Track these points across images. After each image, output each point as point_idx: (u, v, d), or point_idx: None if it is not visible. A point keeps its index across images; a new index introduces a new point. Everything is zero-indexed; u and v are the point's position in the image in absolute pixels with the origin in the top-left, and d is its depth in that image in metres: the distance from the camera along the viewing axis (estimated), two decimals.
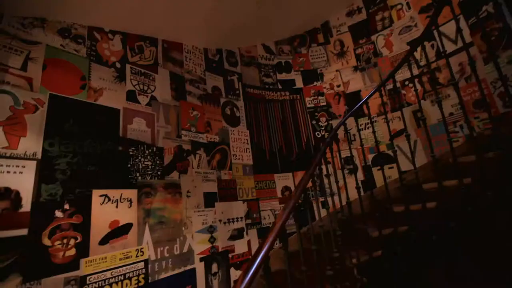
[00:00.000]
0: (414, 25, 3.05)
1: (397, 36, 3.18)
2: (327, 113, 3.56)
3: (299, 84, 3.70)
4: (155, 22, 2.66)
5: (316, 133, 3.51)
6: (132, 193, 2.17)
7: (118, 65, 2.41)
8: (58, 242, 1.74)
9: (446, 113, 2.67)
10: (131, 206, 2.14)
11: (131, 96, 2.41)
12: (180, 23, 2.83)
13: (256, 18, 3.25)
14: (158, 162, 2.42)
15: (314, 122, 3.55)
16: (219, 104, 3.15)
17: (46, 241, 1.70)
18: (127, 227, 2.08)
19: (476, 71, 1.57)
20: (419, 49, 2.82)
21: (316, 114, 3.57)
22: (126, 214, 2.10)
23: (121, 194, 2.11)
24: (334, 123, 3.50)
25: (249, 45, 3.68)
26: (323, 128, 3.52)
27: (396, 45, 3.18)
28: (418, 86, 2.93)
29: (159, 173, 2.39)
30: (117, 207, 2.06)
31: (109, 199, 2.04)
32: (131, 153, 2.27)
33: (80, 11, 2.22)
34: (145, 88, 2.54)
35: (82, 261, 1.81)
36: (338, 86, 3.56)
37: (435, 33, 2.75)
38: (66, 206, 1.83)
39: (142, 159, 2.32)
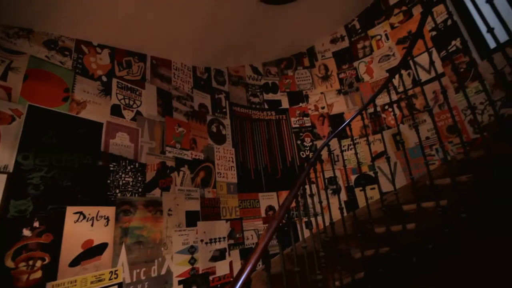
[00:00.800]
0: (392, 54, 3.27)
1: (377, 64, 3.38)
2: (311, 133, 3.64)
3: (285, 104, 3.79)
4: (145, 38, 2.69)
5: (300, 153, 3.57)
6: (109, 211, 2.07)
7: (104, 78, 2.39)
8: (23, 263, 1.61)
9: (423, 137, 2.81)
10: (107, 224, 2.03)
11: (115, 110, 2.38)
12: (170, 41, 2.88)
13: (245, 40, 3.37)
14: (139, 178, 2.35)
15: (299, 142, 3.62)
16: (205, 122, 3.15)
17: (9, 263, 1.57)
18: (101, 247, 1.96)
19: (448, 99, 1.68)
20: (397, 76, 3.01)
21: (301, 134, 3.65)
22: (102, 233, 1.99)
23: (98, 211, 2.01)
24: (319, 143, 3.58)
25: (238, 65, 3.78)
26: (307, 148, 3.59)
27: (376, 72, 3.38)
28: (397, 111, 3.09)
29: (140, 190, 2.31)
30: (92, 225, 1.95)
31: (84, 217, 1.93)
32: (111, 168, 2.19)
33: (69, 24, 2.22)
34: (131, 103, 2.52)
35: (49, 285, 1.67)
36: (323, 108, 3.68)
37: (411, 63, 2.96)
38: (36, 224, 1.71)
39: (123, 175, 2.25)
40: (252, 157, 3.39)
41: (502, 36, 1.55)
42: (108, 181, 2.15)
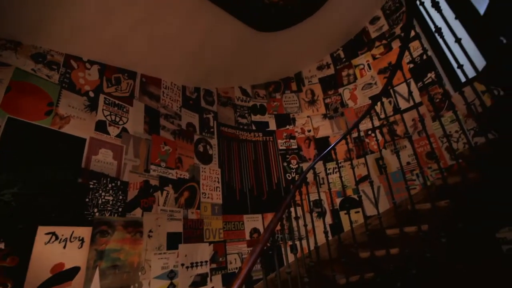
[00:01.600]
0: (374, 83, 3.46)
1: (360, 91, 3.56)
2: (298, 156, 3.69)
3: (272, 126, 3.86)
4: (136, 57, 2.72)
5: (287, 175, 3.58)
6: (85, 231, 1.96)
7: (91, 94, 2.37)
8: None
9: (404, 162, 2.91)
10: (81, 246, 1.91)
11: (100, 126, 2.33)
12: (161, 61, 2.92)
13: (235, 63, 3.48)
14: (120, 197, 2.26)
15: (285, 164, 3.64)
16: (193, 141, 3.14)
17: None
18: (73, 272, 1.83)
19: (425, 127, 1.78)
20: (379, 103, 3.17)
21: (288, 156, 3.69)
22: (74, 256, 1.86)
23: (72, 232, 1.90)
24: (305, 166, 3.62)
25: (227, 86, 3.86)
26: (293, 170, 3.61)
27: (359, 99, 3.54)
28: (380, 137, 3.21)
29: (120, 209, 2.22)
30: (64, 247, 1.83)
31: (57, 238, 1.81)
32: (91, 186, 2.11)
33: (60, 39, 2.22)
34: (117, 119, 2.49)
35: None
36: (309, 131, 3.77)
37: (391, 92, 3.13)
38: (1, 245, 1.58)
39: (103, 194, 2.16)
40: (238, 178, 3.36)
41: (472, 71, 1.69)
42: (87, 200, 2.05)
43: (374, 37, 3.52)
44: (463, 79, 2.57)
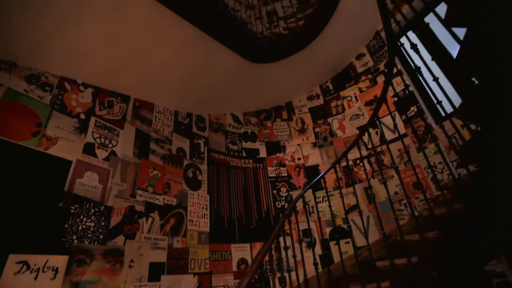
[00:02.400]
0: (362, 114, 3.60)
1: (348, 121, 3.69)
2: (287, 184, 3.68)
3: (263, 153, 3.89)
4: (130, 82, 2.77)
5: (276, 203, 3.54)
6: (61, 260, 1.83)
7: (82, 116, 2.36)
8: None
9: (392, 191, 2.94)
10: (55, 277, 1.77)
11: (88, 149, 2.29)
12: (155, 87, 2.98)
13: (228, 91, 3.58)
14: (103, 223, 2.16)
15: (275, 191, 3.62)
16: (182, 166, 3.10)
17: None
18: None
19: (411, 158, 1.84)
20: (366, 134, 3.27)
21: (277, 184, 3.67)
22: None
23: (47, 260, 1.77)
24: (294, 194, 3.60)
25: (219, 113, 3.93)
26: (283, 198, 3.58)
27: (348, 129, 3.66)
28: (367, 166, 3.27)
29: (101, 236, 2.10)
30: (36, 278, 1.70)
31: (28, 267, 1.69)
32: (73, 210, 2.01)
33: (56, 62, 2.26)
34: (106, 142, 2.46)
35: None
36: (299, 159, 3.81)
37: (378, 123, 3.26)
38: None
39: (85, 219, 2.06)
40: (227, 205, 3.30)
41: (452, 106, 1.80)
42: (66, 225, 1.94)
43: (360, 71, 3.74)
44: (444, 113, 2.72)
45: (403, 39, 3.28)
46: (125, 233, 2.26)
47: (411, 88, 3.01)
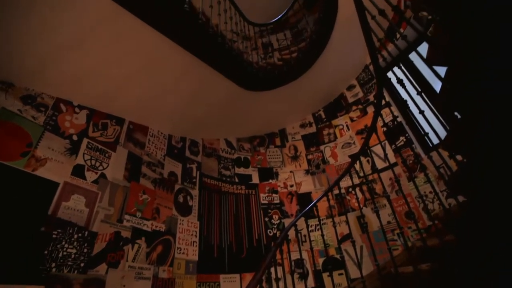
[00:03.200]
0: (353, 142, 3.68)
1: (340, 149, 3.75)
2: (280, 211, 3.62)
3: (256, 180, 3.86)
4: (126, 105, 2.81)
5: (268, 231, 3.45)
6: None
7: (75, 137, 2.34)
8: None
9: (384, 221, 2.92)
10: None
11: (78, 171, 2.24)
12: (151, 111, 3.02)
13: (222, 117, 3.64)
14: (85, 250, 2.05)
15: (267, 219, 3.54)
16: (173, 191, 3.05)
17: None
18: None
19: (401, 187, 1.86)
20: (358, 162, 3.32)
21: (270, 211, 3.61)
22: None
23: None
24: (286, 221, 3.53)
25: (213, 138, 3.95)
26: (275, 226, 3.50)
27: (340, 156, 3.71)
28: (360, 194, 3.27)
29: (82, 265, 1.99)
30: None
31: None
32: (54, 236, 1.92)
33: (53, 84, 2.29)
34: (97, 164, 2.42)
35: None
36: (291, 186, 3.79)
37: (369, 151, 3.33)
38: None
39: (66, 245, 1.96)
40: (217, 232, 3.19)
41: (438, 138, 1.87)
42: (46, 252, 1.84)
43: (351, 101, 3.89)
44: (431, 144, 2.80)
45: (390, 74, 3.47)
46: (108, 261, 2.15)
47: (400, 119, 3.13)
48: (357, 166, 3.46)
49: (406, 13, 2.92)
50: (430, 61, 1.22)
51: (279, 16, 4.25)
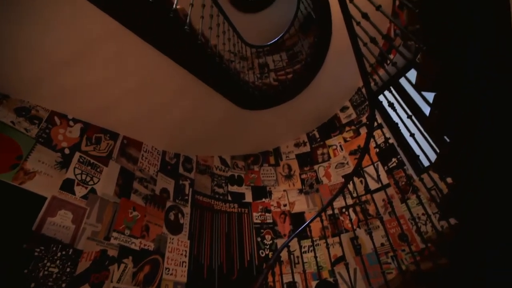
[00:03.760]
0: (346, 163, 3.71)
1: (334, 169, 3.77)
2: (272, 231, 3.56)
3: (249, 198, 3.82)
4: (122, 120, 2.80)
5: (260, 251, 3.36)
6: None
7: (67, 151, 2.31)
8: None
9: (378, 243, 2.88)
10: None
11: (67, 185, 2.19)
12: (146, 126, 3.02)
13: (218, 134, 3.66)
14: (68, 269, 1.95)
15: (259, 239, 3.46)
16: (164, 208, 2.98)
17: None
18: None
19: (394, 209, 1.87)
20: (351, 182, 3.33)
21: (262, 231, 3.54)
22: None
23: None
24: (279, 242, 3.46)
25: (207, 155, 3.94)
26: (267, 247, 3.42)
27: (333, 176, 3.72)
28: (353, 215, 3.25)
29: (63, 285, 1.89)
30: None
31: None
32: (37, 253, 1.83)
33: (49, 97, 2.29)
34: (88, 179, 2.37)
35: None
36: (285, 205, 3.76)
37: (362, 172, 3.35)
38: None
39: (48, 264, 1.87)
40: (208, 252, 3.10)
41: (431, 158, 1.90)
42: (26, 271, 1.75)
43: (344, 122, 3.97)
44: (422, 166, 2.85)
45: (382, 97, 3.59)
46: (91, 282, 2.04)
47: (391, 140, 3.20)
48: (350, 186, 3.47)
49: (395, 41, 3.08)
50: (419, 87, 1.27)
51: (276, 39, 4.42)
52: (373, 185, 3.22)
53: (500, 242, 1.20)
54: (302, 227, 2.38)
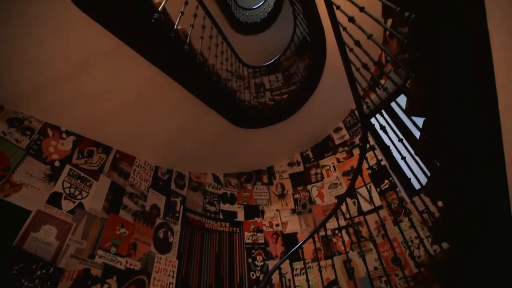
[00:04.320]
0: (340, 183, 3.72)
1: (327, 190, 3.77)
2: (264, 252, 3.47)
3: (241, 217, 3.75)
4: (115, 133, 2.78)
5: (251, 273, 3.25)
6: None
7: (57, 163, 2.26)
8: None
9: (371, 266, 2.83)
10: None
11: (54, 199, 2.13)
12: (140, 141, 3.00)
13: (212, 151, 3.65)
14: None
15: (250, 260, 3.37)
16: (153, 225, 2.89)
17: None
18: None
19: (387, 232, 1.86)
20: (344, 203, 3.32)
21: (253, 251, 3.45)
22: None
23: None
24: (271, 264, 3.36)
25: (200, 172, 3.91)
26: (258, 269, 3.31)
27: (326, 197, 3.71)
28: (346, 237, 3.21)
29: None
30: None
31: None
32: (15, 271, 1.74)
33: (43, 109, 2.27)
34: (76, 193, 2.31)
35: None
36: (277, 225, 3.70)
37: (355, 193, 3.36)
38: None
39: (26, 283, 1.77)
40: (196, 272, 2.98)
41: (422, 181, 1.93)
42: None
43: (338, 143, 4.03)
44: (413, 189, 2.87)
45: (374, 120, 3.68)
46: None
47: (384, 162, 3.24)
48: (343, 207, 3.46)
49: (386, 66, 3.21)
50: (409, 112, 1.32)
51: (272, 61, 4.56)
52: (365, 206, 3.21)
53: (493, 267, 1.20)
54: (294, 248, 2.34)
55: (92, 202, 2.39)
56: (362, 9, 1.59)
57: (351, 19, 1.72)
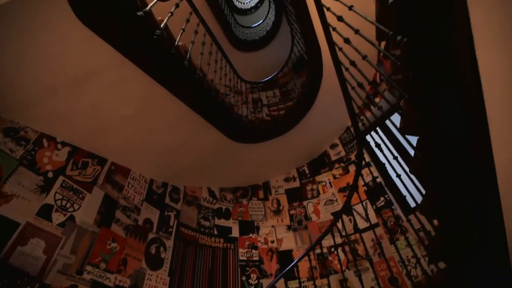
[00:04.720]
0: (336, 200, 3.70)
1: (323, 206, 3.74)
2: (258, 269, 3.38)
3: (235, 233, 3.68)
4: (112, 145, 2.77)
5: None
6: None
7: (50, 174, 2.23)
8: None
9: (368, 286, 2.75)
10: None
11: (44, 211, 2.08)
12: (136, 153, 2.98)
13: (208, 165, 3.64)
14: None
15: (244, 278, 3.27)
16: (146, 240, 2.82)
17: None
18: None
19: (383, 251, 1.84)
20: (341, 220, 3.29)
21: (248, 269, 3.36)
22: None
23: None
24: (265, 282, 3.27)
25: (195, 186, 3.87)
26: (252, 287, 3.21)
27: (322, 213, 3.68)
28: (342, 255, 3.15)
29: None
30: None
31: None
32: None
33: (40, 119, 2.27)
34: (68, 205, 2.26)
35: None
36: (272, 242, 3.63)
37: (351, 210, 3.33)
38: None
39: None
40: None
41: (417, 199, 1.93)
42: None
43: (334, 159, 4.05)
44: (409, 207, 2.87)
45: (370, 137, 3.73)
46: None
47: (379, 179, 3.25)
48: (339, 224, 3.42)
49: (381, 86, 3.30)
50: (403, 130, 1.35)
51: (270, 77, 4.66)
52: (362, 224, 3.18)
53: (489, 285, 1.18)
54: (290, 266, 2.29)
55: (84, 215, 2.34)
56: (357, 31, 1.65)
57: (347, 41, 1.79)
